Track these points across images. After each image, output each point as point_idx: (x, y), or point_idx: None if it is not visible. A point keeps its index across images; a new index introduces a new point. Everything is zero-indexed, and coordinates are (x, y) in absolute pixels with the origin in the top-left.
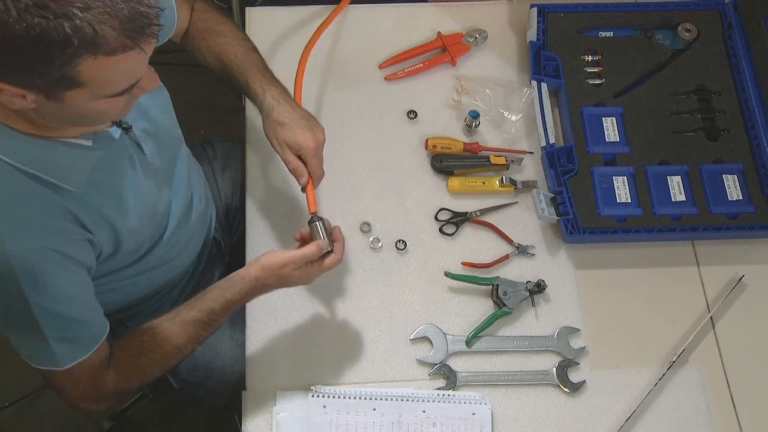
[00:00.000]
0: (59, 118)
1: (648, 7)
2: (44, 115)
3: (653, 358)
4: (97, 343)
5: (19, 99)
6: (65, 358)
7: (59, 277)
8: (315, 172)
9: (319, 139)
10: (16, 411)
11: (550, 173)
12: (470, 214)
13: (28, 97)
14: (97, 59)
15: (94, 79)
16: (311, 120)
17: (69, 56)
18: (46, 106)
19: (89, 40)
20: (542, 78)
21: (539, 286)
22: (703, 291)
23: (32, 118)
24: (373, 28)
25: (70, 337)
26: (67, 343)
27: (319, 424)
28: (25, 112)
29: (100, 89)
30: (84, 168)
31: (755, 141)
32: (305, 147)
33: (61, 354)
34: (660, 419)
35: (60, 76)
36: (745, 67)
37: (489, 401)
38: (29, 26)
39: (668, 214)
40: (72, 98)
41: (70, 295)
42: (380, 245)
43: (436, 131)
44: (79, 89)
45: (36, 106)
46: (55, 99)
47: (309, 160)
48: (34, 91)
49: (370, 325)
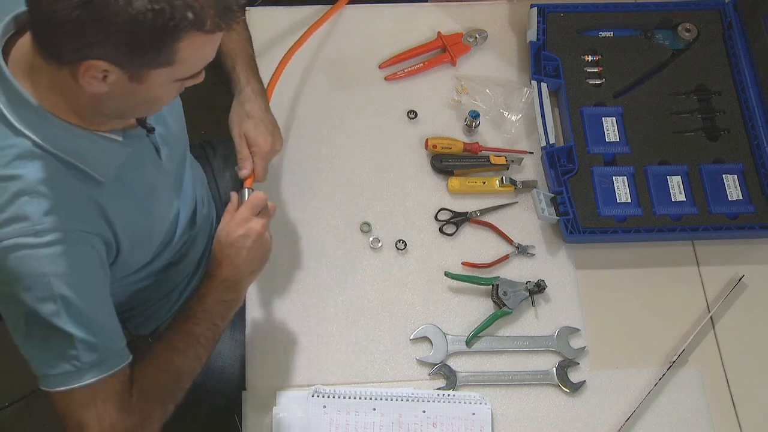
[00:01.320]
0: (114, 107)
1: (648, 7)
2: (102, 103)
3: (653, 358)
4: (123, 360)
5: (98, 82)
6: (90, 371)
7: (89, 269)
8: (258, 171)
9: (275, 147)
10: (16, 411)
11: (550, 173)
12: (470, 214)
13: (109, 77)
14: (197, 37)
15: (185, 58)
16: (276, 128)
17: (179, 32)
18: (117, 90)
19: (197, 17)
20: (542, 78)
21: (539, 286)
22: (703, 291)
23: (79, 107)
24: (373, 28)
25: (95, 346)
26: (93, 353)
27: (319, 424)
28: (77, 100)
29: (183, 69)
30: (115, 161)
31: (755, 141)
32: (260, 146)
33: (88, 362)
34: (660, 419)
35: (162, 51)
36: (745, 67)
37: (489, 401)
38: (151, 2)
39: (668, 214)
40: (153, 79)
41: (98, 296)
42: (380, 245)
43: (436, 131)
44: (168, 68)
45: (108, 90)
46: (136, 80)
47: (257, 159)
48: (125, 68)
49: (370, 325)
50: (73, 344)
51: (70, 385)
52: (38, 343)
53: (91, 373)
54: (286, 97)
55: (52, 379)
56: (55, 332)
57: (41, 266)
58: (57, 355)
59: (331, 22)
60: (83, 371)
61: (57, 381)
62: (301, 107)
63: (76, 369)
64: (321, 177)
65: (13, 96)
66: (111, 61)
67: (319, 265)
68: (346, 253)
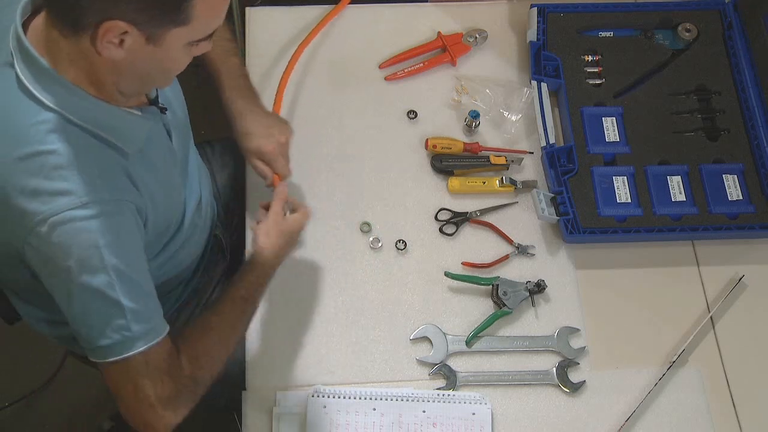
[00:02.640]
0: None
1: (648, 7)
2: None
3: (653, 358)
4: (166, 327)
5: (115, 47)
6: (142, 337)
7: (133, 237)
8: (280, 172)
9: (280, 141)
10: (16, 411)
11: (550, 173)
12: (470, 214)
13: (126, 41)
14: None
15: (200, 16)
16: (272, 126)
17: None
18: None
19: None
20: (542, 78)
21: (539, 286)
22: (703, 291)
23: (99, 82)
24: (373, 28)
25: (144, 313)
26: (143, 321)
27: (319, 424)
28: (96, 73)
29: (198, 30)
30: (140, 133)
31: (755, 141)
32: (266, 152)
33: (138, 331)
34: (660, 419)
35: (182, 7)
36: (745, 67)
37: (489, 401)
38: None
39: (668, 214)
40: (170, 41)
41: (142, 265)
42: (380, 245)
43: (436, 131)
44: (184, 27)
45: (125, 56)
46: (153, 42)
47: (271, 163)
48: (144, 28)
49: (370, 325)
50: (123, 314)
51: (124, 354)
52: (91, 315)
53: (142, 341)
54: (286, 97)
55: (105, 349)
56: (108, 303)
57: (92, 238)
58: (109, 325)
59: (331, 22)
60: (134, 339)
61: (111, 351)
62: (301, 107)
63: (127, 338)
64: (321, 177)
65: (40, 72)
66: (131, 21)
67: (319, 265)
68: (346, 253)
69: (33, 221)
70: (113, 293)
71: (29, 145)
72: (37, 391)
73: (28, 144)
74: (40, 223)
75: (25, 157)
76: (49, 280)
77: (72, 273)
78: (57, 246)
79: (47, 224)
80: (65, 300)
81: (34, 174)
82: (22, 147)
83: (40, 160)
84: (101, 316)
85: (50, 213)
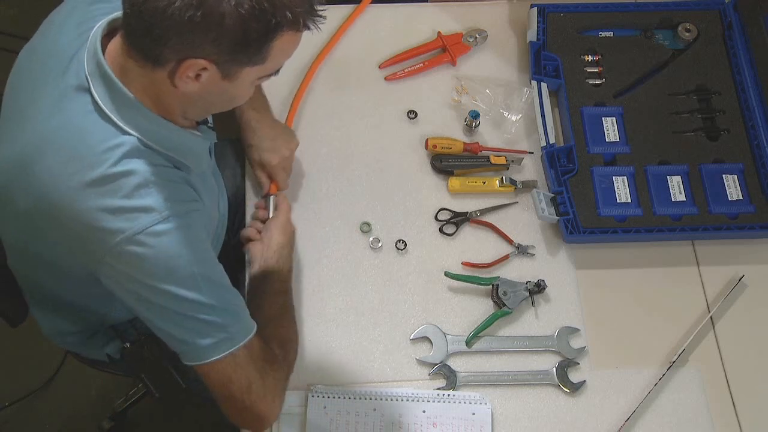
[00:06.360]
0: (200, 105)
1: (648, 7)
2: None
3: (653, 358)
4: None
5: (192, 81)
6: (240, 332)
7: (206, 242)
8: (280, 184)
9: (284, 155)
10: (16, 411)
11: (550, 173)
12: (470, 214)
13: (203, 76)
14: (289, 36)
15: (275, 56)
16: (278, 138)
17: (279, 30)
18: (207, 89)
19: (294, 17)
20: (542, 78)
21: (539, 286)
22: (703, 291)
23: (167, 108)
24: (373, 28)
25: (235, 309)
26: (237, 317)
27: (319, 424)
28: (167, 101)
29: (271, 67)
30: (204, 152)
31: (755, 141)
32: (269, 165)
33: (235, 327)
34: (660, 419)
35: (260, 48)
36: (745, 67)
37: (489, 401)
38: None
39: (668, 214)
40: (243, 77)
41: (220, 266)
42: (380, 245)
43: (436, 131)
44: (259, 66)
45: (198, 89)
46: (228, 78)
47: (273, 176)
48: (223, 66)
49: (370, 325)
50: (218, 314)
51: (231, 350)
52: (187, 323)
53: (241, 334)
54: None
55: (209, 349)
56: (201, 308)
57: (176, 249)
58: (207, 328)
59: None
60: (234, 334)
61: (216, 349)
62: (302, 107)
63: (229, 334)
64: (321, 177)
65: (118, 97)
66: (212, 60)
67: (319, 265)
68: (346, 253)
69: (116, 239)
70: (205, 298)
71: (101, 167)
72: (37, 391)
73: (101, 167)
74: (125, 241)
75: (99, 179)
76: (132, 294)
77: (164, 285)
78: (146, 261)
79: (133, 241)
80: (156, 311)
81: (111, 195)
82: (95, 169)
83: (118, 181)
84: (198, 322)
85: (136, 230)
